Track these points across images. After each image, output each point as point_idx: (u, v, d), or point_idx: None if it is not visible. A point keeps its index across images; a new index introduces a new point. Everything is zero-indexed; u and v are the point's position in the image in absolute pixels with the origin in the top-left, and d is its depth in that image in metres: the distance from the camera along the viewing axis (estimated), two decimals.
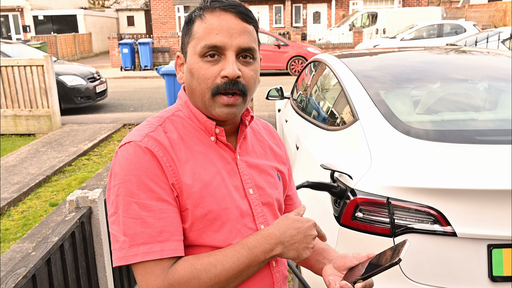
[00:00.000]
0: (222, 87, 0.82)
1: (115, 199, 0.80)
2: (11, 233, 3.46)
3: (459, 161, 1.50)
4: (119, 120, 7.09)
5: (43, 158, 5.27)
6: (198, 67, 0.83)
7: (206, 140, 0.88)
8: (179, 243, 0.80)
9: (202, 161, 0.85)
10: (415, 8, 16.31)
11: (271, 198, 0.94)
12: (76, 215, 1.68)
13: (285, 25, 19.37)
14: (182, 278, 0.76)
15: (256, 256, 0.80)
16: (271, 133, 1.06)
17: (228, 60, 0.82)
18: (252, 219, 0.89)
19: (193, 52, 0.84)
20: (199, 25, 0.84)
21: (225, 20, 0.82)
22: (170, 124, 0.87)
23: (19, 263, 1.27)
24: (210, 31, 0.82)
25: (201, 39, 0.83)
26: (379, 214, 1.46)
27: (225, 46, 0.82)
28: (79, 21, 22.88)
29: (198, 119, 0.89)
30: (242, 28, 0.83)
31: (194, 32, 0.85)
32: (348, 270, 0.90)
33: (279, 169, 1.00)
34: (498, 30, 7.84)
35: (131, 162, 0.79)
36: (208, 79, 0.83)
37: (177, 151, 0.84)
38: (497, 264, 1.39)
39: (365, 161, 1.61)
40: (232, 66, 0.81)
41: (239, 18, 0.84)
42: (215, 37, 0.81)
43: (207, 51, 0.82)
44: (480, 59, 2.48)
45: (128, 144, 0.82)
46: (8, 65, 6.29)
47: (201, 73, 0.83)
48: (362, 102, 1.91)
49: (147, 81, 12.47)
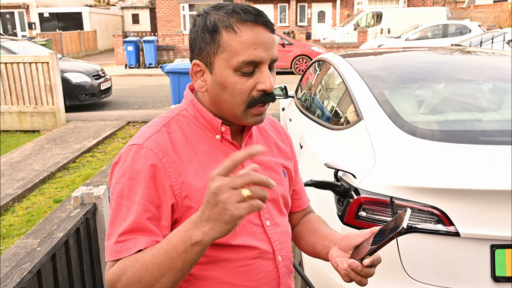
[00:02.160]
0: (259, 100, 0.84)
1: (110, 198, 0.85)
2: (15, 229, 3.49)
3: (463, 161, 1.50)
4: (123, 118, 7.12)
5: (48, 155, 5.30)
6: (234, 82, 0.83)
7: (211, 140, 0.89)
8: (148, 239, 0.79)
9: (206, 160, 0.87)
10: (420, 8, 16.24)
11: (277, 194, 0.95)
12: (81, 211, 1.69)
13: (290, 24, 19.34)
14: (114, 274, 0.78)
15: (174, 246, 0.72)
16: (277, 129, 1.06)
17: (264, 74, 0.83)
18: (257, 215, 0.91)
19: (226, 66, 0.82)
20: (232, 38, 0.81)
21: (259, 34, 0.82)
22: (175, 124, 0.88)
23: (24, 258, 1.29)
24: (247, 46, 0.81)
25: (238, 54, 0.81)
26: (383, 213, 1.46)
27: (262, 61, 0.82)
28: (84, 19, 22.94)
29: (204, 118, 0.89)
30: (273, 40, 0.84)
31: (225, 44, 0.82)
32: (354, 249, 0.88)
33: (285, 165, 1.01)
34: (503, 30, 7.79)
35: (128, 165, 0.82)
36: (244, 93, 0.83)
37: (181, 152, 0.85)
38: (500, 264, 1.39)
39: (369, 160, 1.61)
40: (270, 81, 0.83)
41: (269, 30, 0.84)
42: (254, 53, 0.81)
43: (244, 67, 0.82)
44: (485, 60, 2.47)
45: (130, 146, 0.85)
46: (14, 62, 6.33)
47: (237, 88, 0.83)
48: (367, 102, 1.91)
49: (152, 79, 12.50)
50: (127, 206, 0.81)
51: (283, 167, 1.00)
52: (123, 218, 0.81)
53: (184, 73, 6.49)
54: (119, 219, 0.82)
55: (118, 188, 0.82)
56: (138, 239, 0.79)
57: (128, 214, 0.81)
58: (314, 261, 1.73)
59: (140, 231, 0.80)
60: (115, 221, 0.82)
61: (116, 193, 0.83)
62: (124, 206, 0.82)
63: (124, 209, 0.82)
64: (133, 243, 0.79)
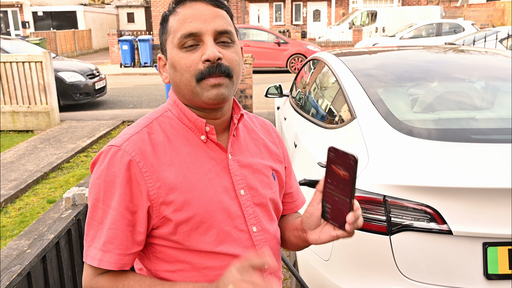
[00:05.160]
0: (206, 72, 0.81)
1: (88, 198, 0.86)
2: (8, 230, 3.46)
3: (455, 159, 1.50)
4: (118, 117, 7.08)
5: (41, 155, 5.26)
6: (179, 58, 0.83)
7: (195, 141, 0.87)
8: (120, 257, 0.81)
9: (188, 162, 0.84)
10: (415, 7, 16.29)
11: (265, 198, 0.92)
12: (72, 212, 1.68)
13: (285, 23, 19.34)
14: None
15: None
16: (268, 130, 1.03)
17: (207, 44, 0.82)
18: (243, 221, 0.87)
19: (172, 46, 0.84)
20: (173, 20, 0.85)
21: (196, 9, 0.83)
22: (158, 125, 0.87)
23: (13, 261, 1.27)
24: (184, 21, 0.83)
25: (177, 31, 0.83)
26: (376, 212, 1.46)
27: (201, 31, 0.82)
28: (79, 18, 22.80)
29: (188, 118, 0.87)
30: (215, 13, 0.84)
31: (169, 27, 0.85)
32: None
33: (274, 168, 0.97)
34: (496, 29, 7.83)
35: (105, 167, 0.81)
36: (191, 66, 0.82)
37: (161, 154, 0.83)
38: (492, 262, 1.40)
39: (362, 159, 1.61)
40: (211, 49, 0.81)
41: (210, 5, 0.84)
42: (190, 25, 0.82)
43: (185, 41, 0.82)
44: (478, 59, 2.48)
45: (109, 147, 0.83)
46: (7, 61, 6.27)
47: (182, 63, 0.82)
48: (360, 100, 1.91)
49: (147, 78, 12.45)
50: (102, 209, 0.82)
51: (273, 169, 0.96)
52: (99, 221, 0.82)
53: None
54: (94, 221, 0.83)
55: (95, 190, 0.83)
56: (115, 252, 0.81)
57: (104, 218, 0.82)
58: (309, 260, 1.73)
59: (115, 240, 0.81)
60: (91, 223, 0.84)
61: (93, 195, 0.83)
62: (99, 208, 0.82)
63: (99, 212, 0.82)
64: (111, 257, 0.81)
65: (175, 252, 0.84)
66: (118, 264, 0.81)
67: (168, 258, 0.84)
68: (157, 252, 0.85)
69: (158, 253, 0.85)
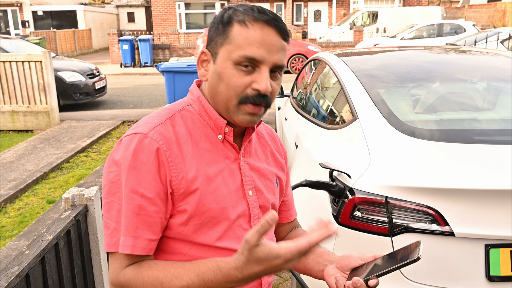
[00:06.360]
0: (251, 99, 0.83)
1: (109, 185, 0.83)
2: (7, 230, 3.44)
3: (457, 160, 1.49)
4: (118, 117, 7.07)
5: (41, 155, 5.25)
6: (231, 74, 0.83)
7: (213, 138, 0.89)
8: (150, 242, 0.81)
9: (207, 158, 0.86)
10: (416, 8, 16.29)
11: (268, 202, 0.95)
12: (71, 213, 1.66)
13: (286, 23, 19.30)
14: (129, 282, 0.80)
15: None
16: (274, 138, 1.06)
17: (262, 75, 0.82)
18: (248, 220, 0.91)
19: (227, 57, 0.83)
20: (240, 32, 0.82)
21: (267, 35, 0.82)
22: (180, 118, 0.88)
23: (12, 262, 1.26)
24: (252, 42, 0.82)
25: (240, 48, 0.82)
26: (378, 214, 1.45)
27: (263, 60, 0.82)
28: (79, 17, 22.80)
29: (210, 116, 0.89)
30: (281, 46, 0.84)
31: (232, 37, 0.83)
32: (351, 271, 0.88)
33: (278, 175, 1.01)
34: (497, 30, 7.83)
35: (131, 153, 0.80)
36: (239, 87, 0.83)
37: (184, 146, 0.84)
38: (495, 263, 1.39)
39: (364, 160, 1.60)
40: (266, 82, 0.82)
41: (280, 35, 0.84)
42: (255, 51, 0.81)
43: (243, 61, 0.82)
44: (480, 59, 2.47)
45: (133, 134, 0.83)
46: (6, 60, 6.26)
47: (232, 80, 0.83)
48: (362, 101, 1.90)
49: (147, 78, 12.44)
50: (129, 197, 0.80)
51: (276, 176, 1.00)
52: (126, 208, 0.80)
53: (179, 72, 6.45)
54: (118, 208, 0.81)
55: (120, 176, 0.81)
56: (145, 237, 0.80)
57: (131, 205, 0.80)
58: None
59: (145, 226, 0.80)
60: (112, 209, 0.82)
61: (118, 181, 0.81)
62: (126, 195, 0.80)
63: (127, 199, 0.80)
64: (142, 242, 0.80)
65: (178, 244, 0.85)
66: (147, 249, 0.82)
67: (170, 250, 0.86)
68: (161, 243, 0.86)
69: (161, 244, 0.86)
